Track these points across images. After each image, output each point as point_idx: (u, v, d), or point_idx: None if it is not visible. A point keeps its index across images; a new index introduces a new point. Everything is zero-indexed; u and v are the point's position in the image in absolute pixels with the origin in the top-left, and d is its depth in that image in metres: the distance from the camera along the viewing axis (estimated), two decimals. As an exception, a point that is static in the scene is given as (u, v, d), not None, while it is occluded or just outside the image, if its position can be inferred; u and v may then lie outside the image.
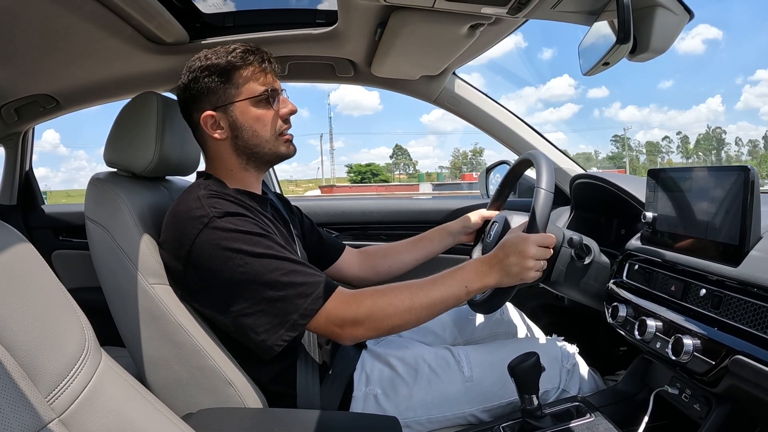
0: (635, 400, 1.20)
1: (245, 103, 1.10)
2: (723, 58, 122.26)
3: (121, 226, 1.09)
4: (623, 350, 1.71)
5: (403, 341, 1.34)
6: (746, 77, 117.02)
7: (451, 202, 2.10)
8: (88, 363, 0.65)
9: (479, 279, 1.05)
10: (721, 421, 0.95)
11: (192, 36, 1.49)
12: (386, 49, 1.41)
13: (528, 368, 1.02)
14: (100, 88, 1.73)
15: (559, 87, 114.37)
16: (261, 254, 0.98)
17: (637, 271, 1.15)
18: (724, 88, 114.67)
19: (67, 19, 1.22)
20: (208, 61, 1.09)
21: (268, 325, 0.98)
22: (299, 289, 0.98)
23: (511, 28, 1.34)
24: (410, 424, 1.14)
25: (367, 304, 1.00)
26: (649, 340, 1.02)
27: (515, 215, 1.40)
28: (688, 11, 1.03)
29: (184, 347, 1.04)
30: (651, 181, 1.13)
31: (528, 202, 1.27)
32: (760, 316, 0.80)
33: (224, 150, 1.13)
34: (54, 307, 0.65)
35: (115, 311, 1.11)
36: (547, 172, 1.16)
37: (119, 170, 1.22)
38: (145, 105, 1.17)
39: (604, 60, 1.04)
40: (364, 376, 1.17)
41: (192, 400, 1.05)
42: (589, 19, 1.12)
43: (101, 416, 0.63)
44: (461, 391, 1.17)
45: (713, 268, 0.93)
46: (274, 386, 1.10)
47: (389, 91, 1.83)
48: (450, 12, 1.16)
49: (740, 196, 0.88)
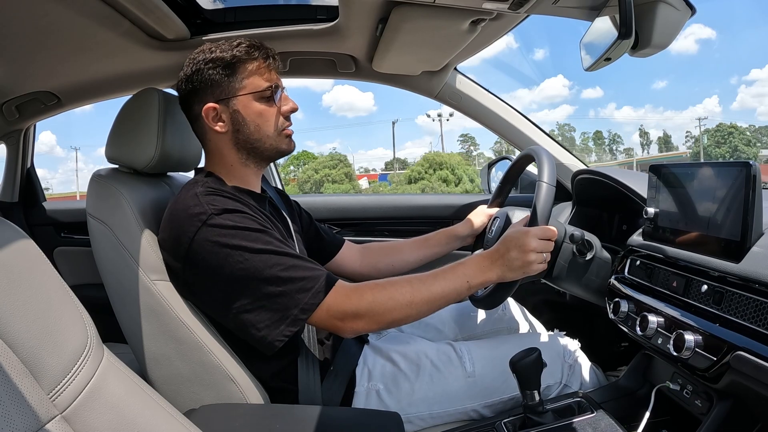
0: (637, 396, 1.20)
1: (248, 98, 1.10)
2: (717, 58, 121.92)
3: (123, 222, 1.09)
4: (625, 346, 1.71)
5: (405, 337, 1.34)
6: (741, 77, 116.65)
7: (453, 197, 2.10)
8: (91, 359, 0.65)
9: (481, 274, 1.06)
10: (723, 417, 0.95)
11: (193, 32, 1.48)
12: (387, 45, 1.41)
13: (530, 364, 1.02)
14: (101, 85, 1.73)
15: (553, 88, 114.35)
16: (260, 250, 0.98)
17: (639, 267, 1.15)
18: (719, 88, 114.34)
19: (68, 15, 1.21)
20: (213, 54, 1.09)
21: (269, 320, 0.98)
22: (299, 283, 0.98)
23: (512, 23, 1.34)
24: (412, 420, 1.14)
25: (367, 298, 1.01)
26: (650, 336, 1.02)
27: (517, 210, 1.40)
28: (690, 7, 1.03)
29: (185, 343, 1.04)
30: (652, 176, 1.12)
31: (530, 197, 1.27)
32: (762, 312, 0.80)
33: (224, 144, 1.13)
34: (56, 304, 0.65)
35: (117, 308, 1.11)
36: (549, 166, 1.16)
37: (121, 166, 1.22)
38: (146, 101, 1.17)
39: (606, 55, 1.03)
40: (366, 372, 1.17)
41: (194, 396, 1.05)
42: (591, 14, 1.12)
43: (104, 412, 0.63)
44: (463, 386, 1.17)
45: (715, 264, 0.93)
46: (276, 382, 1.11)
47: (384, 93, 1.83)
48: (451, 7, 1.16)
49: (742, 191, 0.88)
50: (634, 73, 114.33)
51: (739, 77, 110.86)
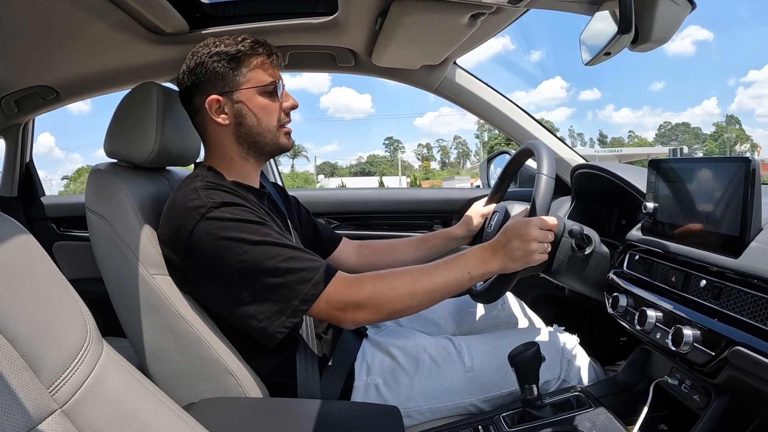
0: (635, 391, 1.21)
1: (252, 91, 1.10)
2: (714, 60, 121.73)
3: (122, 216, 1.09)
4: (623, 341, 1.71)
5: (404, 331, 1.34)
6: (739, 78, 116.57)
7: (451, 191, 2.10)
8: (90, 354, 0.65)
9: (482, 264, 1.05)
10: (721, 412, 0.95)
11: (192, 26, 1.48)
12: (387, 39, 1.40)
13: (528, 358, 1.02)
14: (100, 79, 1.73)
15: (551, 90, 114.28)
16: (259, 242, 0.98)
17: (638, 262, 1.15)
18: (717, 89, 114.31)
19: (66, 9, 1.21)
20: (217, 48, 1.09)
21: (270, 312, 0.98)
22: (299, 274, 0.98)
23: (512, 17, 1.33)
24: (411, 414, 1.14)
25: (368, 288, 1.01)
26: (649, 331, 1.02)
27: (516, 204, 1.40)
28: (690, 1, 1.03)
29: (185, 337, 1.04)
30: (652, 171, 1.12)
31: (529, 191, 1.27)
32: (760, 308, 0.80)
33: (225, 137, 1.13)
34: (55, 299, 0.65)
35: (116, 302, 1.11)
36: (548, 158, 1.17)
37: (119, 161, 1.21)
38: (145, 95, 1.17)
39: (606, 50, 1.03)
40: (365, 366, 1.17)
41: (193, 390, 1.06)
42: (591, 8, 1.11)
43: (103, 407, 0.63)
44: (462, 381, 1.17)
45: (714, 259, 0.92)
46: (275, 377, 1.11)
47: (381, 95, 1.83)
48: (451, 1, 1.15)
49: (741, 187, 0.87)
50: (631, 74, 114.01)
51: (737, 78, 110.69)
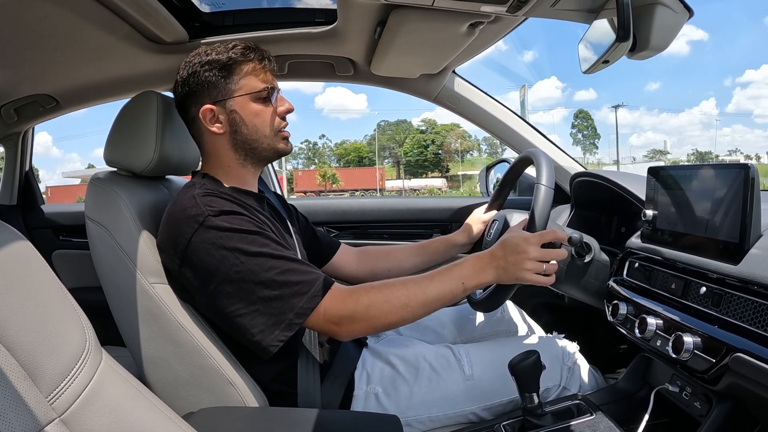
0: (636, 398, 1.20)
1: (245, 99, 1.10)
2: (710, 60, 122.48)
3: (121, 225, 1.08)
4: (624, 348, 1.71)
5: (404, 339, 1.34)
6: (735, 78, 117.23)
7: (451, 200, 2.10)
8: (89, 363, 0.65)
9: (476, 276, 1.05)
10: (722, 419, 0.95)
11: (191, 35, 1.49)
12: (386, 48, 1.41)
13: (528, 366, 1.02)
14: (100, 88, 1.73)
15: (545, 90, 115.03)
16: (256, 253, 0.98)
17: (638, 269, 1.15)
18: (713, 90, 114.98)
19: (67, 18, 1.22)
20: (208, 57, 1.09)
21: (263, 325, 0.97)
22: (295, 287, 0.98)
23: (510, 26, 1.34)
24: (411, 423, 1.14)
25: (363, 301, 1.00)
26: (649, 338, 1.02)
27: (515, 213, 1.40)
28: (687, 9, 1.03)
29: (184, 346, 1.04)
30: (651, 179, 1.13)
31: (528, 200, 1.27)
32: (761, 314, 0.80)
33: (222, 145, 1.13)
34: (55, 307, 0.65)
35: (116, 311, 1.11)
36: (547, 168, 1.16)
37: (119, 170, 1.22)
38: (145, 104, 1.17)
39: (604, 58, 1.04)
40: (365, 375, 1.17)
41: (193, 399, 1.05)
42: (589, 17, 1.12)
43: (102, 416, 0.63)
44: (462, 389, 1.17)
45: (713, 265, 0.93)
46: (275, 385, 1.10)
47: (378, 96, 1.83)
48: (449, 10, 1.16)
49: (740, 193, 0.88)
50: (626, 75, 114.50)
51: (733, 79, 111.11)
